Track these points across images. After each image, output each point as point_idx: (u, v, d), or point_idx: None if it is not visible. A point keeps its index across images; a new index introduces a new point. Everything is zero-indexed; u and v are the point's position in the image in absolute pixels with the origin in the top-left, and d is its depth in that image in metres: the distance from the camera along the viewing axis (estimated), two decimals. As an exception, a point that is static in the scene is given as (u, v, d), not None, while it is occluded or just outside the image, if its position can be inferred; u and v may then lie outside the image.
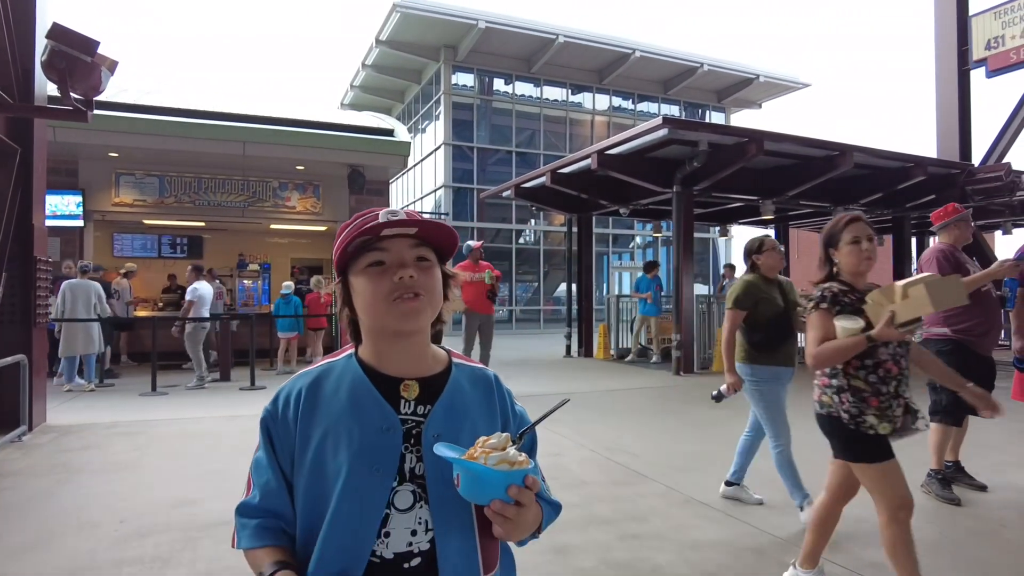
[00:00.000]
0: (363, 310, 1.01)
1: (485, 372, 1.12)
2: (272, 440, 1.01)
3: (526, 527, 0.93)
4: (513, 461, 0.87)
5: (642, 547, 3.10)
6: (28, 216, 5.68)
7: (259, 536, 0.98)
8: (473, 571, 0.98)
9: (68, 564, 2.88)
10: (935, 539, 3.24)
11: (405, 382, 1.01)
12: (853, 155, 9.01)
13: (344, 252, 1.00)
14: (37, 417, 5.73)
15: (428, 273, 1.01)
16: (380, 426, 0.97)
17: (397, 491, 0.96)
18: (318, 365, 1.06)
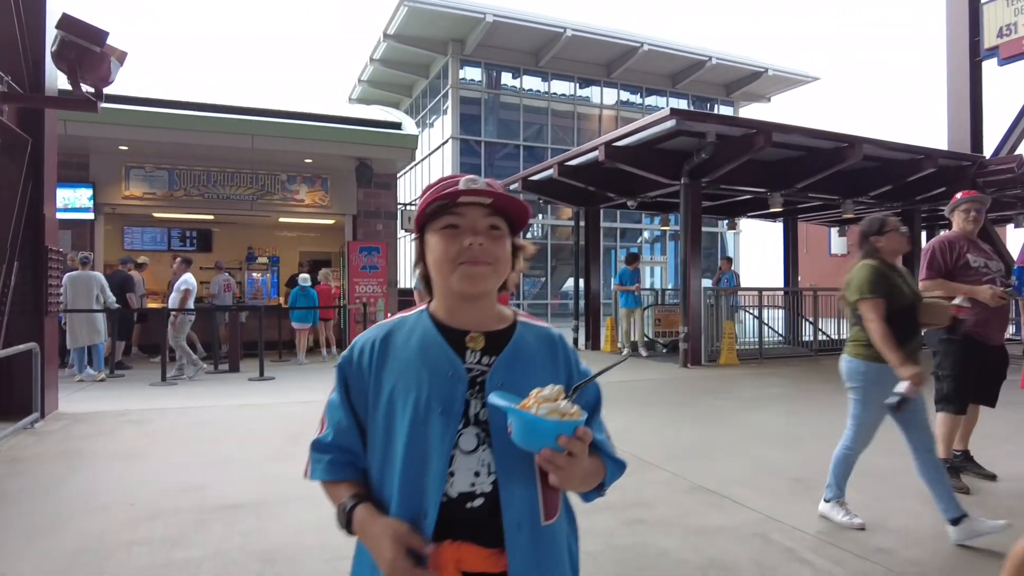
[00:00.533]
0: (433, 268, 1.07)
1: (550, 330, 1.16)
2: (347, 384, 1.10)
3: (580, 477, 0.97)
4: (564, 412, 0.91)
5: (648, 532, 3.10)
6: (39, 206, 5.73)
7: (333, 470, 1.08)
8: (534, 515, 1.02)
9: (79, 545, 2.92)
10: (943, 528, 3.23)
11: (471, 334, 1.07)
12: (862, 147, 8.94)
13: (423, 213, 1.07)
14: (49, 405, 5.79)
15: (498, 242, 1.06)
16: (447, 373, 1.03)
17: (462, 433, 1.01)
18: (392, 319, 1.13)
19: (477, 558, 0.99)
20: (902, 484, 3.85)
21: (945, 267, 3.90)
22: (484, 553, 1.00)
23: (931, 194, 11.07)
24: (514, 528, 0.99)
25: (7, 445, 4.74)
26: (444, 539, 0.99)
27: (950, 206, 4.02)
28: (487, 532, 1.00)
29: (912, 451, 3.19)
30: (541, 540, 1.02)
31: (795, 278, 14.45)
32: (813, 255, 27.22)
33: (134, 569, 2.66)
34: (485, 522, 1.00)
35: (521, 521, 1.00)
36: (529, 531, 1.01)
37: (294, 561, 2.74)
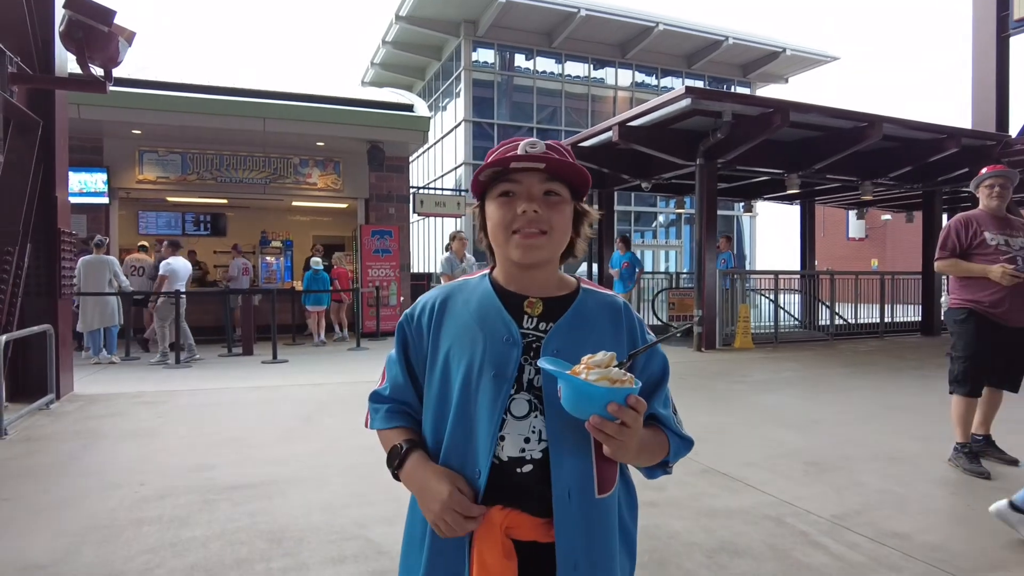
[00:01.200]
0: (492, 236, 1.07)
1: (615, 299, 1.13)
2: (405, 341, 1.12)
3: (634, 449, 0.93)
4: (615, 379, 0.87)
5: (659, 514, 3.06)
6: (51, 189, 5.74)
7: (389, 418, 1.11)
8: (586, 486, 0.99)
9: (91, 522, 2.93)
10: (962, 512, 3.16)
11: (529, 299, 1.06)
12: (882, 126, 8.73)
13: (478, 180, 1.06)
14: (64, 386, 5.85)
15: (556, 209, 1.03)
16: (502, 337, 1.02)
17: (514, 398, 1.00)
18: (455, 281, 1.14)
19: (526, 526, 0.98)
20: (924, 469, 3.78)
21: (960, 246, 3.79)
22: (534, 522, 0.98)
23: (953, 175, 10.81)
24: (564, 497, 0.97)
25: (23, 425, 4.79)
26: (495, 503, 0.98)
27: (975, 181, 3.90)
28: (537, 500, 0.98)
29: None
30: (592, 513, 0.99)
31: (812, 261, 14.25)
32: (830, 238, 26.83)
33: (143, 547, 2.66)
34: (535, 489, 0.98)
35: (571, 491, 0.98)
36: (579, 502, 0.98)
37: (301, 541, 2.73)
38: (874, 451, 4.14)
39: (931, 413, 5.14)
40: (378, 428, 1.12)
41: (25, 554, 2.60)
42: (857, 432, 4.66)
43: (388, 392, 1.12)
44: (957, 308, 3.83)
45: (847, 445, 4.30)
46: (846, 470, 3.75)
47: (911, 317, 12.46)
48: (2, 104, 4.93)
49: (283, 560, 2.55)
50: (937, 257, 3.90)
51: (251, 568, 2.49)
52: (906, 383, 6.77)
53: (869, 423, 4.96)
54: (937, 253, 3.90)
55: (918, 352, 9.44)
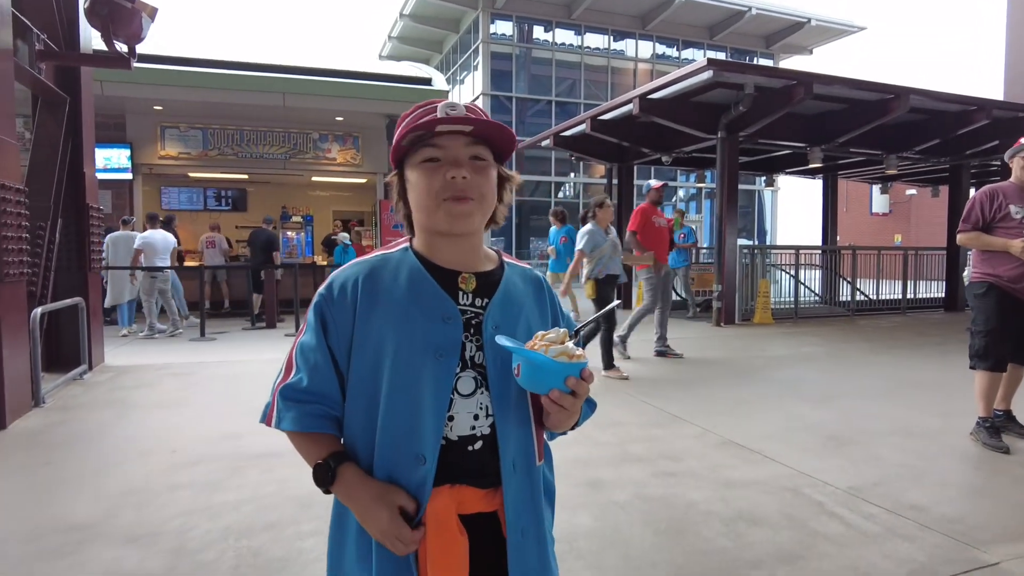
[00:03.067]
0: (415, 206, 1.01)
1: (534, 271, 1.14)
2: (325, 323, 1.00)
3: (575, 418, 0.99)
4: (572, 354, 0.91)
5: (676, 484, 3.11)
6: (79, 165, 5.85)
7: (307, 420, 0.99)
8: (530, 457, 1.02)
9: (127, 487, 3.06)
10: (981, 485, 3.18)
11: (463, 275, 1.02)
12: (909, 98, 8.53)
13: (400, 146, 1.01)
14: (96, 358, 6.02)
15: (483, 173, 0.99)
16: (441, 315, 0.99)
17: (460, 377, 0.98)
18: (371, 256, 1.06)
19: (473, 499, 0.99)
20: (944, 443, 3.79)
21: (983, 219, 3.73)
22: (479, 494, 0.99)
23: (983, 148, 10.57)
24: (509, 468, 0.99)
25: (59, 394, 4.95)
26: (443, 482, 0.97)
27: (1010, 151, 3.82)
28: (484, 474, 0.99)
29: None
30: (533, 479, 1.03)
31: (834, 237, 14.08)
32: (853, 213, 26.42)
33: (178, 510, 2.78)
34: (483, 462, 0.99)
35: (516, 461, 1.00)
36: (524, 471, 1.01)
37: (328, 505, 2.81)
38: (893, 425, 4.16)
39: (952, 389, 5.12)
40: (289, 430, 0.99)
41: (68, 516, 2.72)
42: (876, 406, 4.66)
43: (305, 384, 0.99)
44: (978, 282, 3.80)
45: (866, 419, 4.31)
46: (864, 443, 3.77)
47: (934, 293, 12.31)
48: (31, 81, 5.01)
49: (312, 523, 2.65)
50: (959, 229, 3.86)
51: (282, 531, 2.59)
52: (927, 359, 6.73)
53: (889, 398, 4.96)
54: (960, 225, 3.85)
55: (940, 328, 9.35)
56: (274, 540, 2.51)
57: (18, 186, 4.35)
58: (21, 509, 2.82)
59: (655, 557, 2.40)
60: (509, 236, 21.54)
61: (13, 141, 4.34)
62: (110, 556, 2.37)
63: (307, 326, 1.02)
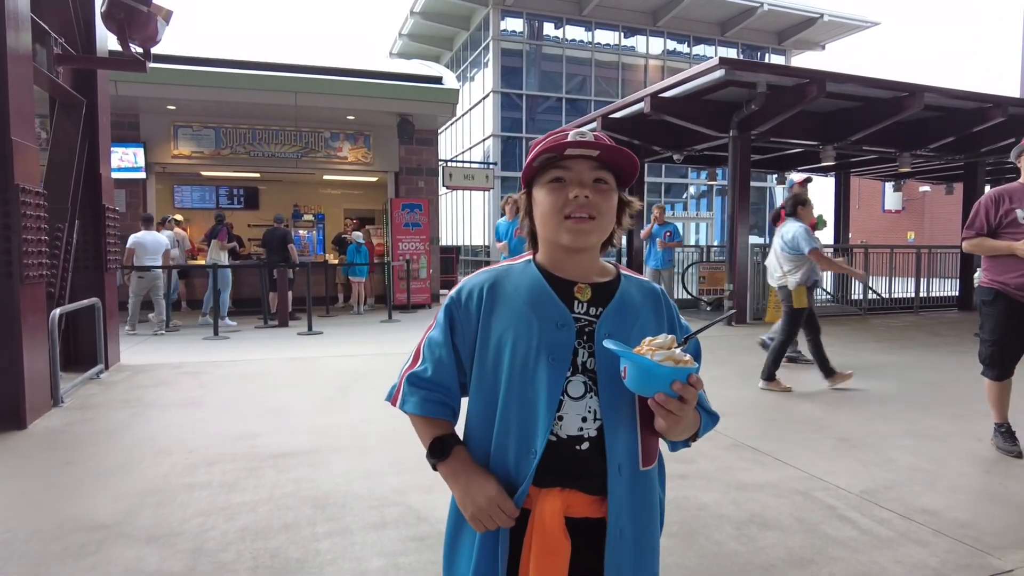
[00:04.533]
0: (540, 221, 1.10)
1: (652, 285, 1.19)
2: (453, 323, 1.12)
3: (686, 425, 1.02)
4: (678, 359, 0.94)
5: (688, 487, 3.13)
6: (96, 166, 5.92)
7: (427, 407, 1.11)
8: (634, 460, 1.07)
9: (146, 486, 3.11)
10: (994, 489, 3.16)
11: (579, 285, 1.09)
12: (923, 96, 8.47)
13: (531, 166, 1.09)
14: (112, 357, 6.10)
15: (604, 196, 1.07)
16: (556, 322, 1.06)
17: (571, 381, 1.05)
18: (497, 266, 1.16)
19: (581, 504, 1.05)
20: (957, 447, 3.78)
21: (987, 225, 3.61)
22: (588, 500, 1.05)
23: (998, 145, 10.45)
24: (615, 471, 1.04)
25: (78, 393, 5.03)
26: (553, 483, 1.04)
27: (1016, 149, 3.75)
28: (591, 477, 1.04)
29: None
30: (637, 484, 1.07)
31: (846, 234, 14.00)
32: (866, 211, 26.23)
33: (196, 510, 2.83)
34: (591, 465, 1.04)
35: (622, 465, 1.05)
36: (629, 475, 1.06)
37: (343, 507, 2.87)
38: (906, 428, 4.15)
39: (966, 391, 5.10)
40: (412, 412, 1.12)
41: (90, 514, 2.78)
42: (889, 408, 4.65)
43: (430, 374, 1.11)
44: (986, 288, 3.71)
45: (878, 421, 4.30)
46: (876, 446, 3.77)
47: (948, 292, 12.21)
48: (48, 84, 5.08)
49: (328, 525, 2.69)
50: (963, 236, 3.75)
51: (298, 532, 2.63)
52: (941, 360, 6.69)
53: (901, 399, 4.94)
54: (964, 232, 3.75)
55: (954, 328, 9.28)
56: (291, 541, 2.55)
57: (37, 189, 4.41)
58: (45, 508, 2.88)
59: (666, 560, 2.41)
60: (519, 233, 21.55)
61: (33, 145, 4.40)
62: (132, 555, 2.42)
63: (436, 323, 1.14)
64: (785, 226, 5.38)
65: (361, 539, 2.57)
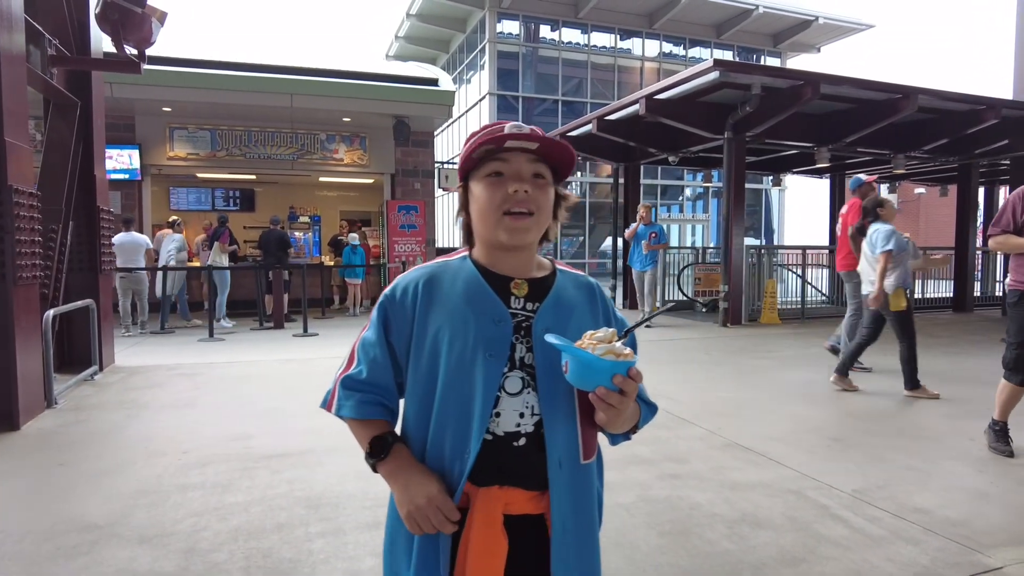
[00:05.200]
0: (477, 217, 1.08)
1: (588, 279, 1.19)
2: (387, 321, 1.10)
3: (626, 417, 1.02)
4: (619, 353, 0.94)
5: (681, 486, 3.14)
6: (90, 167, 5.92)
7: (364, 408, 1.08)
8: (574, 454, 1.06)
9: (139, 487, 3.10)
10: (986, 489, 3.17)
11: (515, 281, 1.09)
12: (917, 98, 8.52)
13: (469, 159, 1.06)
14: (107, 358, 6.08)
15: (542, 190, 1.06)
16: (493, 318, 1.05)
17: (508, 376, 1.04)
18: (433, 262, 1.14)
19: (520, 500, 1.04)
20: (950, 446, 3.79)
21: (1014, 223, 3.56)
22: (526, 496, 1.04)
23: (992, 147, 10.52)
24: (556, 466, 1.03)
25: (72, 395, 5.01)
26: (491, 480, 1.02)
27: None
28: (529, 473, 1.03)
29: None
30: (578, 478, 1.06)
31: (842, 236, 14.02)
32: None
33: (189, 511, 2.82)
34: (529, 461, 1.03)
35: (562, 459, 1.04)
36: (569, 469, 1.04)
37: (337, 507, 2.87)
38: (899, 428, 4.16)
39: (960, 392, 5.12)
40: (348, 416, 1.08)
41: (83, 515, 2.77)
42: (882, 409, 4.67)
43: (365, 376, 1.08)
44: (1013, 290, 3.65)
45: (871, 421, 4.32)
46: (869, 446, 3.78)
47: (943, 293, 12.26)
48: (43, 86, 5.07)
49: (321, 525, 2.69)
50: (989, 233, 3.71)
51: (291, 532, 2.63)
52: (935, 361, 6.70)
53: (895, 400, 4.96)
54: (990, 228, 3.70)
55: (949, 329, 9.31)
56: (284, 541, 2.55)
57: (31, 190, 4.40)
58: (38, 508, 2.87)
59: (659, 559, 2.43)
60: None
61: (27, 146, 4.40)
62: (124, 556, 2.42)
63: (370, 323, 1.11)
64: (872, 228, 5.20)
65: (354, 539, 2.57)
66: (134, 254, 8.84)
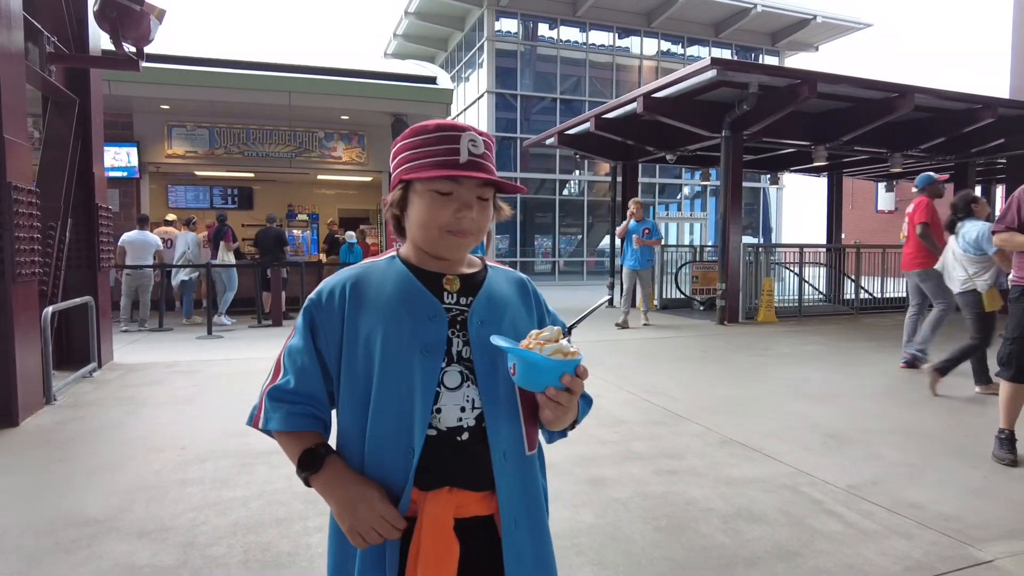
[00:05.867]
0: (415, 225, 1.05)
1: (519, 274, 1.19)
2: (314, 327, 1.05)
3: (572, 414, 1.02)
4: (566, 352, 0.93)
5: (677, 482, 3.16)
6: (88, 165, 5.92)
7: (293, 421, 1.03)
8: (519, 447, 1.05)
9: (139, 483, 3.12)
10: (979, 484, 3.20)
11: (447, 276, 1.08)
12: (914, 96, 8.54)
13: (417, 173, 1.02)
14: (105, 356, 6.09)
15: (485, 211, 1.06)
16: (427, 314, 1.03)
17: (446, 371, 1.02)
18: (357, 265, 1.12)
19: (470, 502, 1.01)
20: (944, 442, 3.82)
21: (1019, 220, 3.53)
22: (476, 497, 1.02)
23: (988, 146, 10.55)
24: (500, 458, 1.02)
25: (70, 392, 5.02)
26: (439, 483, 0.99)
27: None
28: (475, 471, 1.01)
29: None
30: (523, 471, 1.06)
31: (839, 234, 14.07)
32: (859, 211, 26.36)
33: (188, 506, 2.84)
34: (474, 457, 1.01)
35: (507, 451, 1.03)
36: (515, 461, 1.04)
37: (335, 502, 2.88)
38: (894, 425, 4.19)
39: (956, 390, 5.15)
40: (276, 429, 1.03)
41: (82, 510, 2.79)
42: (878, 406, 4.70)
43: (292, 385, 1.03)
44: (1015, 285, 3.62)
45: (867, 418, 4.34)
46: (865, 442, 3.81)
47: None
48: (41, 83, 5.08)
49: (319, 519, 2.71)
50: (993, 230, 3.69)
51: (290, 526, 2.65)
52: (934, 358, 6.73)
53: (891, 397, 4.99)
54: (994, 226, 3.68)
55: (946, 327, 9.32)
56: (282, 535, 2.57)
57: (30, 187, 4.41)
58: (37, 504, 2.88)
59: (655, 553, 2.45)
60: (514, 234, 21.57)
61: (25, 143, 4.40)
62: (123, 550, 2.43)
63: (296, 330, 1.07)
64: (965, 226, 5.02)
65: (352, 533, 2.58)
66: (144, 253, 8.99)
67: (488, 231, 1.15)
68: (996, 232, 3.68)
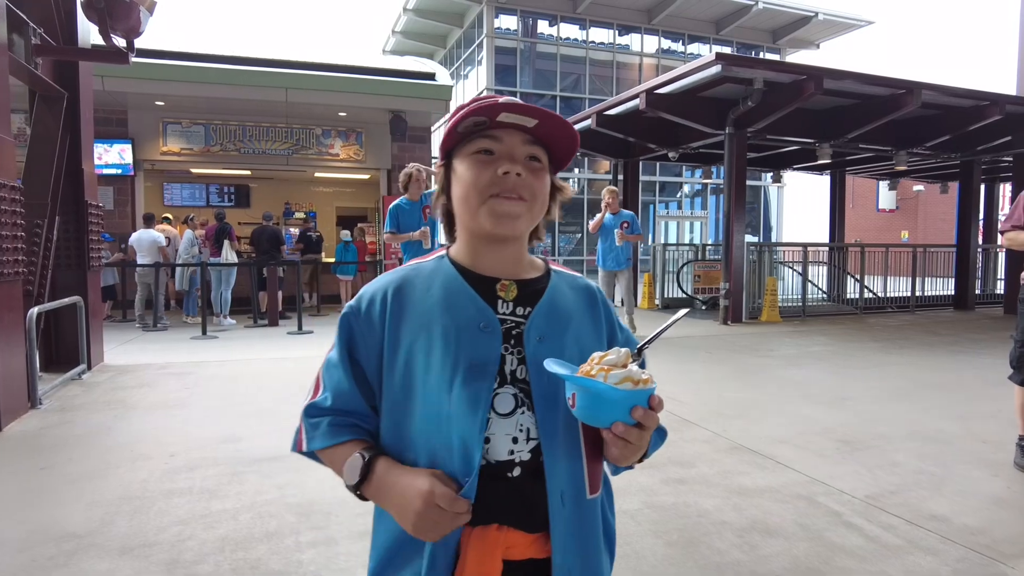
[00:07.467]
0: (459, 201, 0.92)
1: (587, 281, 1.03)
2: (352, 338, 0.93)
3: (642, 451, 0.85)
4: (637, 379, 0.77)
5: (688, 492, 3.02)
6: (77, 161, 5.76)
7: (334, 433, 0.91)
8: (579, 488, 0.89)
9: (123, 493, 2.97)
10: (1003, 494, 3.06)
11: (502, 282, 0.92)
12: (921, 93, 8.41)
13: (453, 132, 0.90)
14: (95, 357, 5.94)
15: (537, 176, 0.91)
16: (478, 324, 0.88)
17: (498, 394, 0.87)
18: (404, 266, 0.98)
19: (523, 543, 0.87)
20: (962, 449, 3.68)
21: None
22: (529, 539, 0.87)
23: (994, 144, 10.42)
24: (557, 501, 0.86)
25: (57, 395, 4.88)
26: (486, 519, 0.85)
27: None
28: (529, 510, 0.87)
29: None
30: (583, 515, 0.89)
31: (841, 233, 13.94)
32: (859, 209, 26.25)
33: (174, 519, 2.70)
34: (525, 495, 0.87)
35: (564, 493, 0.87)
36: (573, 504, 0.88)
37: (329, 515, 2.74)
38: (908, 429, 4.05)
39: (968, 391, 5.02)
40: (320, 448, 0.92)
41: (62, 523, 2.64)
42: (890, 409, 4.56)
43: (330, 403, 0.91)
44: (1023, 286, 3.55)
45: (880, 423, 4.21)
46: (879, 449, 3.67)
47: (943, 291, 12.18)
48: (27, 76, 4.93)
49: (312, 534, 2.57)
50: (1001, 228, 3.60)
51: (281, 541, 2.51)
52: (940, 359, 6.61)
53: (902, 400, 4.85)
54: (1001, 224, 3.60)
55: (952, 327, 9.22)
56: (272, 552, 2.42)
57: (13, 183, 4.26)
58: (15, 516, 2.74)
59: (667, 570, 2.31)
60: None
61: (8, 138, 4.25)
62: (103, 568, 2.29)
63: (334, 342, 0.95)
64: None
65: (346, 549, 2.45)
66: (146, 250, 9.13)
67: (542, 220, 0.96)
68: (1003, 231, 3.61)
